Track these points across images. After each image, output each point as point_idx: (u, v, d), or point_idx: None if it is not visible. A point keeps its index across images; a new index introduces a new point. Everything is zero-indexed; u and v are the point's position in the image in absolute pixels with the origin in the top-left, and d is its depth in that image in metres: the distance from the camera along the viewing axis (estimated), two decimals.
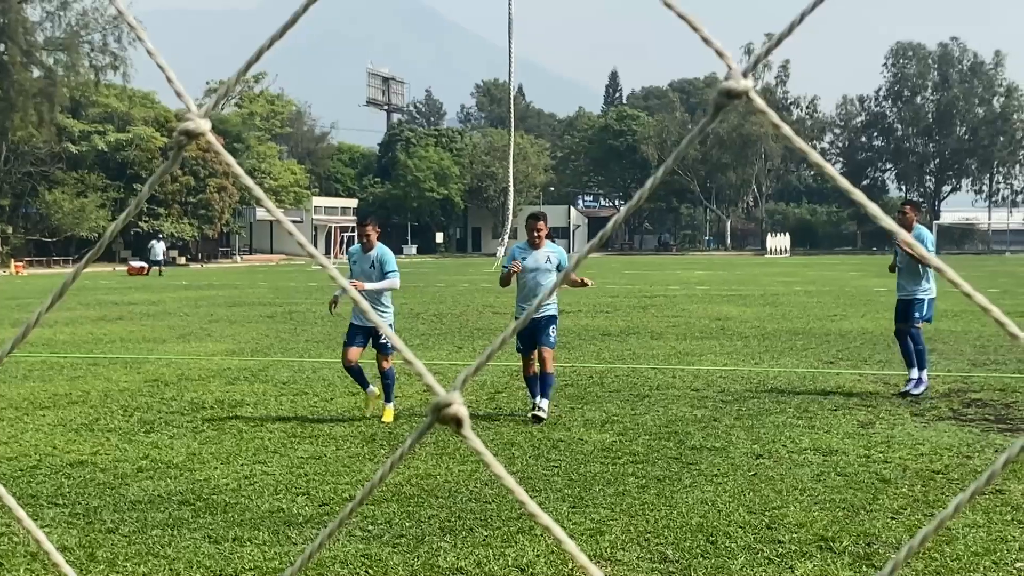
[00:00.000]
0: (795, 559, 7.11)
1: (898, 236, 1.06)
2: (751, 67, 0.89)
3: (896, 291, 15.35)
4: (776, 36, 0.88)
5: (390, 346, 11.63)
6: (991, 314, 0.91)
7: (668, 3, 0.85)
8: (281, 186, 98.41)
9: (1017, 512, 8.25)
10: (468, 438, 0.96)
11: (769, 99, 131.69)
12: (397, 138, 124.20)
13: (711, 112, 0.90)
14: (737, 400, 13.73)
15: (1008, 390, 14.60)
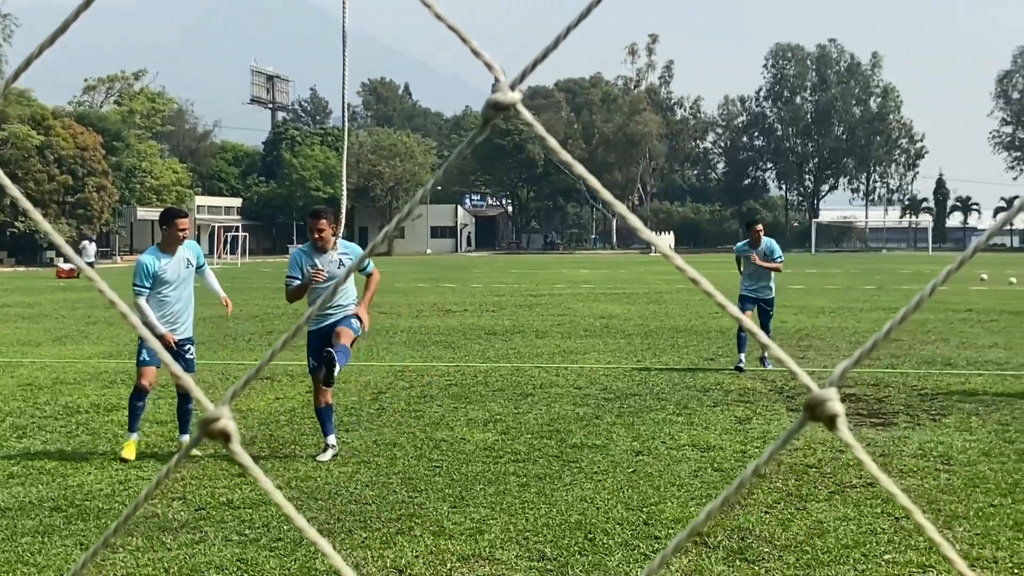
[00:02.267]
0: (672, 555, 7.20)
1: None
2: (518, 80, 0.91)
3: (741, 288, 17.33)
4: (544, 49, 0.90)
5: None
6: (728, 309, 0.93)
7: (439, 16, 0.86)
8: (163, 185, 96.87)
9: (887, 505, 8.45)
10: (236, 453, 0.95)
11: (654, 99, 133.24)
12: (282, 136, 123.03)
13: (480, 125, 0.91)
14: (619, 398, 13.86)
15: (881, 385, 14.95)
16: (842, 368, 1.00)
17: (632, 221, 0.94)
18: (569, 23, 0.86)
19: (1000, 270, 51.90)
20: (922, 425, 11.90)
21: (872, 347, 1.00)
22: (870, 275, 52.95)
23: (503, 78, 0.91)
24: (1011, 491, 8.88)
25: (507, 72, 0.92)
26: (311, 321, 9.87)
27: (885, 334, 0.98)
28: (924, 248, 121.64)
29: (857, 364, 0.99)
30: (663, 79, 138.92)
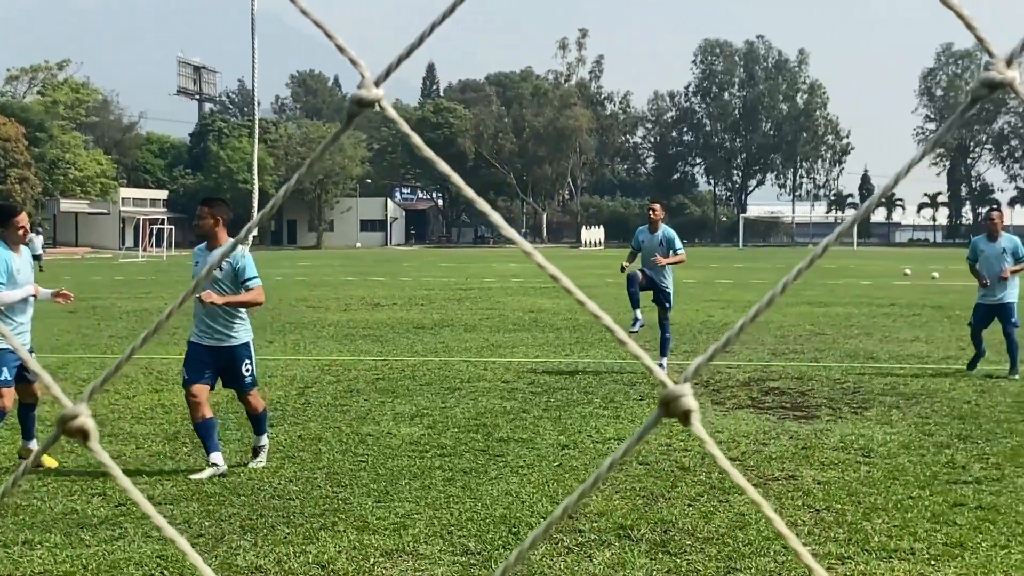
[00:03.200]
0: (594, 548, 7.23)
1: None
2: (383, 77, 0.89)
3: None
4: (409, 46, 0.88)
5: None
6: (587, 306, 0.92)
7: (304, 11, 0.84)
8: (87, 177, 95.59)
9: (808, 497, 8.55)
10: (95, 451, 0.93)
11: (584, 94, 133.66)
12: (209, 128, 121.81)
13: (345, 121, 0.89)
14: (546, 392, 13.88)
15: (804, 378, 15.11)
16: (696, 364, 1.00)
17: (494, 218, 0.92)
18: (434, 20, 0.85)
19: (923, 265, 52.70)
20: (844, 418, 12.05)
21: (725, 343, 1.00)
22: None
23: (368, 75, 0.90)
24: (929, 483, 9.02)
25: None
26: (193, 333, 9.57)
27: (739, 331, 0.98)
28: (849, 243, 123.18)
29: (711, 360, 0.99)
30: (593, 74, 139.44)
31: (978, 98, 0.79)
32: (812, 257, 0.95)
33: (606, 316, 1.03)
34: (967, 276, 16.39)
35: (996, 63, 0.76)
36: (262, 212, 0.94)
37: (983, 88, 0.77)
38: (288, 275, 47.08)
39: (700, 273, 48.27)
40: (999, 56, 0.77)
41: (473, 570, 6.81)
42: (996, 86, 0.77)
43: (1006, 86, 0.76)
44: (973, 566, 6.87)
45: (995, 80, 0.76)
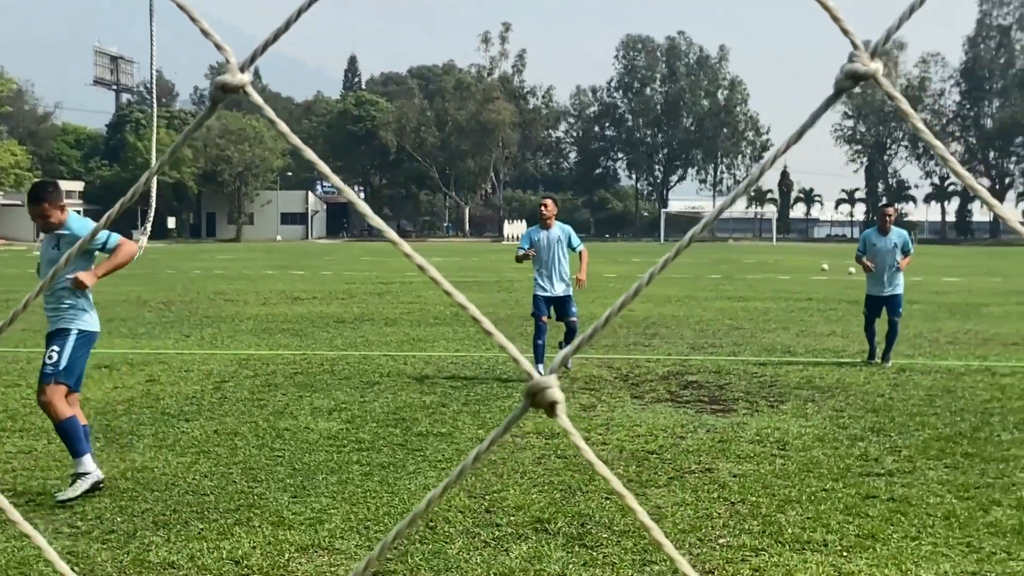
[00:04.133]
0: (511, 542, 7.24)
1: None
2: (248, 63, 0.87)
3: (540, 285, 15.00)
4: (274, 31, 0.86)
5: None
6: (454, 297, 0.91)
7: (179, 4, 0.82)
8: (0, 168, 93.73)
9: (723, 490, 8.62)
10: None
11: (507, 88, 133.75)
12: (127, 119, 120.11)
13: (209, 107, 0.87)
14: (466, 386, 13.86)
15: (722, 372, 15.25)
16: (562, 356, 1.00)
17: (362, 208, 0.91)
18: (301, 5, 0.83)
19: (841, 260, 53.39)
20: (760, 412, 12.17)
21: (592, 335, 0.99)
22: (716, 264, 53.98)
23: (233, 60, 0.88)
24: (843, 476, 9.13)
25: None
26: None
27: (604, 322, 0.97)
28: (769, 238, 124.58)
29: (578, 351, 0.98)
30: (516, 68, 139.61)
31: (842, 90, 0.80)
32: (679, 248, 0.94)
33: (473, 307, 1.03)
34: None
35: (860, 55, 0.76)
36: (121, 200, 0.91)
37: (847, 80, 0.77)
38: (207, 268, 46.60)
39: (621, 268, 48.55)
40: (863, 48, 0.77)
41: (389, 564, 6.77)
42: (860, 77, 0.77)
43: (870, 77, 0.76)
44: (884, 557, 6.97)
45: (859, 72, 0.76)
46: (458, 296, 0.99)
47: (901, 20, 0.76)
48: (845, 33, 0.76)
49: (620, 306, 0.95)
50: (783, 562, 6.87)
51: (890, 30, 0.77)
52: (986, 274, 42.96)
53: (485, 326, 0.99)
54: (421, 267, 0.97)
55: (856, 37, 0.77)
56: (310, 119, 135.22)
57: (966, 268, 49.53)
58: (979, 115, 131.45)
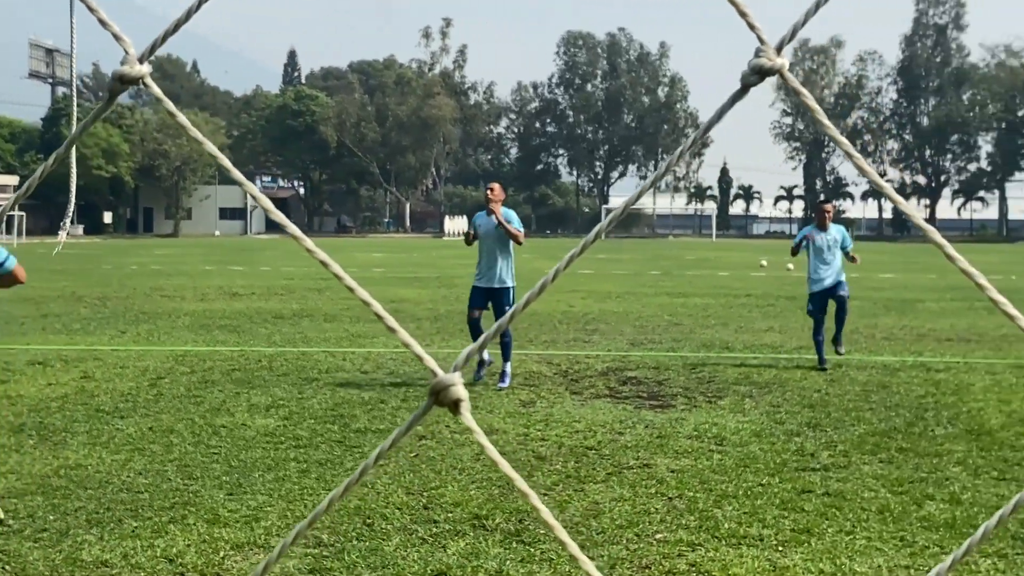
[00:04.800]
0: (449, 538, 7.22)
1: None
2: (147, 54, 0.85)
3: (477, 274, 14.11)
4: (175, 21, 0.84)
5: None
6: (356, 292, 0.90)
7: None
8: None
9: (661, 485, 8.66)
10: None
11: (448, 83, 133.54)
12: (62, 113, 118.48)
13: (106, 99, 0.85)
14: (405, 383, 13.82)
15: (661, 368, 15.31)
16: (466, 353, 0.98)
17: (264, 202, 0.89)
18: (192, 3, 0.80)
19: (779, 257, 53.84)
20: (699, 407, 12.24)
21: (496, 331, 0.98)
22: (657, 261, 54.27)
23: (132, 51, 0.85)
24: (779, 471, 9.20)
25: None
26: None
27: (510, 318, 0.96)
28: (709, 234, 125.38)
29: (483, 348, 0.97)
30: (457, 63, 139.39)
31: (748, 85, 0.79)
32: (584, 244, 0.93)
33: (377, 304, 1.01)
34: None
35: (767, 50, 0.75)
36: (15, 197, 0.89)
37: (753, 75, 0.77)
38: (143, 264, 46.13)
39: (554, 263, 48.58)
40: (770, 43, 0.76)
41: (326, 562, 6.73)
42: (766, 72, 0.76)
43: (776, 72, 0.76)
44: (819, 551, 7.03)
45: (765, 67, 0.76)
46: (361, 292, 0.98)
47: (807, 16, 0.75)
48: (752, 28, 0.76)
49: (525, 303, 0.94)
50: (719, 557, 6.90)
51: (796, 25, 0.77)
52: (922, 270, 43.47)
53: (388, 323, 0.97)
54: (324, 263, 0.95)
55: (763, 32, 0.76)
56: (249, 113, 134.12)
57: (902, 264, 50.06)
58: (915, 113, 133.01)
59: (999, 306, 0.87)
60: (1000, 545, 7.18)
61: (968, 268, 0.84)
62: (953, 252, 0.87)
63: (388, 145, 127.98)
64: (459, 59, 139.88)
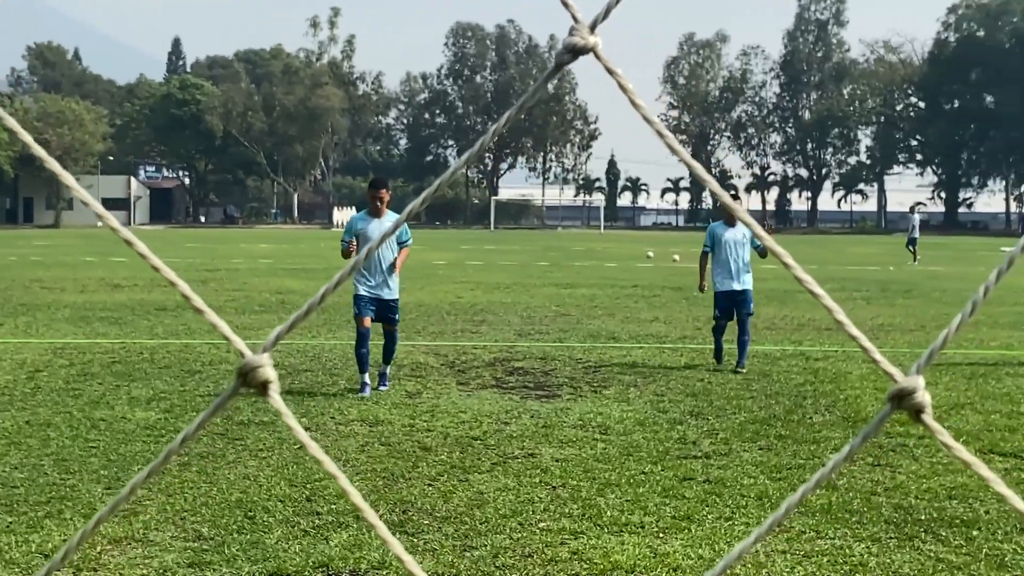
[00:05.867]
0: (331, 530, 7.18)
1: None
2: None
3: (363, 282, 12.85)
4: None
5: None
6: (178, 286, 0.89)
7: None
8: None
9: (546, 475, 8.70)
10: None
11: (336, 73, 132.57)
12: None
13: None
14: (291, 373, 13.70)
15: (548, 358, 15.39)
16: (276, 333, 0.98)
17: (82, 195, 0.87)
18: None
19: (665, 248, 54.48)
20: (584, 397, 12.33)
21: (308, 311, 0.97)
22: (545, 252, 54.51)
23: None
24: (661, 458, 9.31)
25: None
26: None
27: (306, 311, 0.95)
28: (597, 226, 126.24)
29: (290, 330, 0.97)
30: (345, 53, 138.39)
31: (561, 63, 0.79)
32: (385, 237, 0.93)
33: (184, 285, 1.00)
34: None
35: (580, 28, 0.76)
36: None
37: (566, 53, 0.77)
38: (23, 255, 45.05)
39: (450, 255, 48.64)
40: (584, 21, 0.77)
41: (205, 555, 6.65)
42: (579, 51, 0.76)
43: (589, 51, 0.76)
44: (699, 538, 7.13)
45: (578, 45, 0.76)
46: (183, 287, 0.96)
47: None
48: (565, 6, 0.76)
49: (321, 297, 0.93)
50: (601, 544, 6.97)
51: (610, 4, 0.77)
52: (803, 261, 43.75)
53: (195, 303, 0.96)
54: (142, 255, 0.93)
55: (577, 11, 0.77)
56: (132, 102, 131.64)
57: None
58: (798, 107, 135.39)
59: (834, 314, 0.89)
60: (874, 529, 7.36)
61: (802, 276, 0.85)
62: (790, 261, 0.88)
63: (275, 135, 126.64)
64: (347, 49, 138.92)
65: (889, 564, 6.70)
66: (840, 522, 7.52)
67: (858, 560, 6.76)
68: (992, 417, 11.29)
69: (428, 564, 6.56)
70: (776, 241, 0.99)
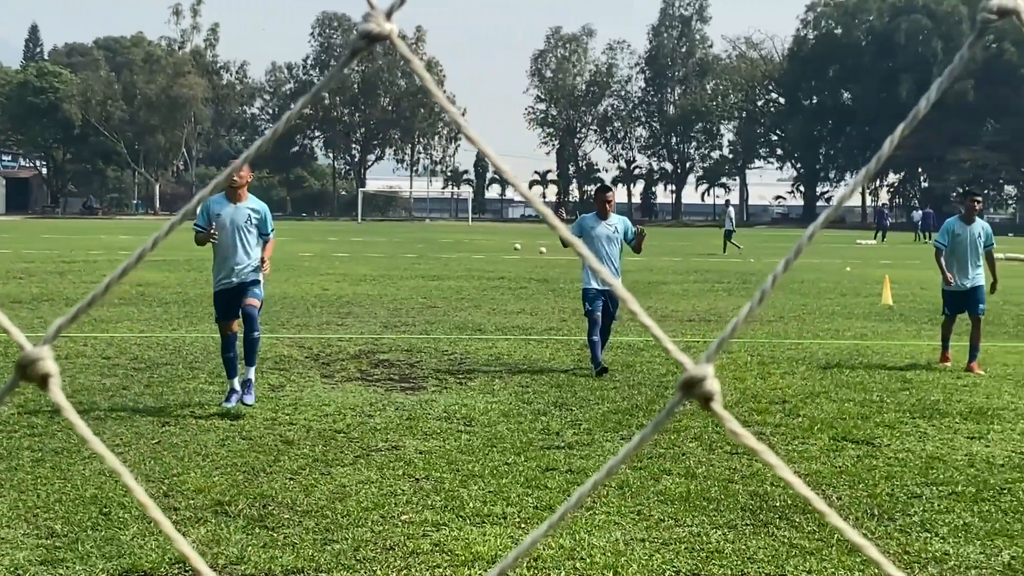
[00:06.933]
0: (189, 525, 7.07)
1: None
2: None
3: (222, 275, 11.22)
4: None
5: None
6: None
7: None
8: None
9: (409, 467, 8.69)
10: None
11: (199, 62, 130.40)
12: None
13: None
14: (150, 368, 13.45)
15: (414, 350, 15.36)
16: (57, 326, 0.96)
17: None
18: None
19: (533, 240, 54.75)
20: (449, 389, 12.34)
21: (91, 302, 0.96)
22: (413, 244, 54.36)
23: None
24: (525, 449, 9.37)
25: None
26: None
27: (105, 289, 0.94)
28: (465, 218, 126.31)
29: (72, 322, 0.95)
30: (209, 42, 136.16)
31: (357, 50, 0.79)
32: (156, 236, 0.92)
33: None
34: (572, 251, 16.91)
35: (376, 15, 0.76)
36: None
37: (361, 40, 0.77)
38: None
39: (317, 247, 48.21)
40: (379, 8, 0.77)
41: (58, 553, 6.50)
42: (375, 38, 0.76)
43: (384, 39, 0.76)
44: (560, 527, 7.18)
45: (373, 32, 0.76)
46: None
47: None
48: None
49: (105, 287, 0.92)
50: (463, 536, 6.98)
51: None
52: (667, 253, 44.89)
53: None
54: None
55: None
56: None
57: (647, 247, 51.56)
58: (663, 101, 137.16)
59: (628, 303, 0.91)
60: (730, 516, 7.51)
61: (625, 295, 0.86)
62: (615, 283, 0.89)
63: (136, 124, 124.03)
64: (211, 38, 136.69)
65: (744, 550, 6.84)
66: (698, 510, 7.65)
67: (715, 547, 6.89)
68: (846, 405, 11.61)
69: (288, 558, 6.50)
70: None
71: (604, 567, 6.49)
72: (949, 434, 10.33)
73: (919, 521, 7.52)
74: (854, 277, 32.18)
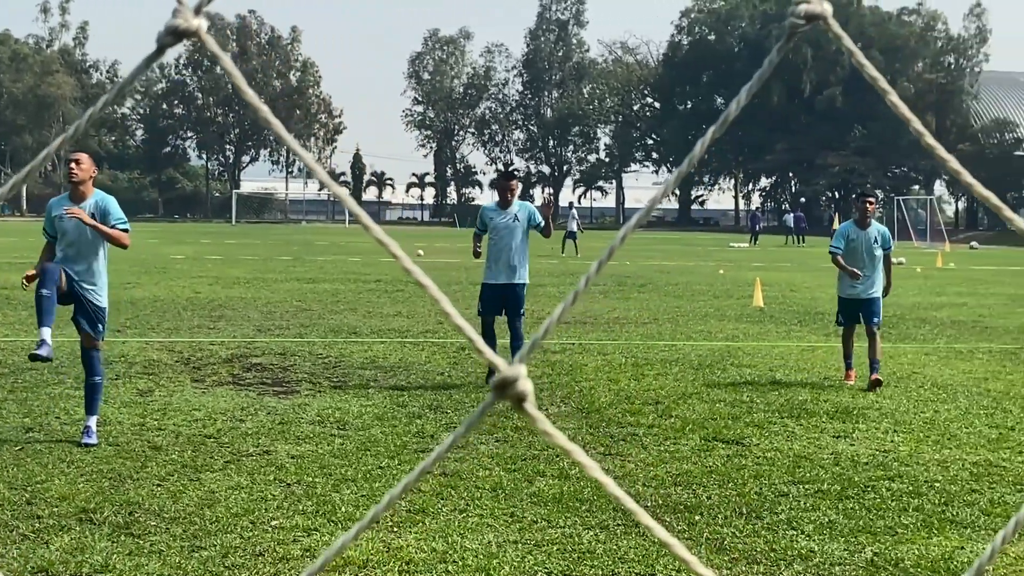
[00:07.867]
0: (52, 533, 6.90)
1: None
2: None
3: None
4: None
5: None
6: None
7: None
8: None
9: (280, 472, 8.59)
10: None
11: (68, 60, 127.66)
12: None
13: None
14: (14, 372, 13.12)
15: (288, 354, 15.21)
16: None
17: None
18: None
19: (410, 243, 54.63)
20: (323, 392, 12.24)
21: None
22: (288, 246, 53.84)
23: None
24: (399, 453, 9.33)
25: None
26: None
27: None
28: (342, 220, 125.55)
29: None
30: (78, 40, 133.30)
31: (164, 46, 0.78)
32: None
33: None
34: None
35: (183, 10, 0.74)
36: None
37: (168, 35, 0.76)
38: None
39: (189, 249, 47.47)
40: (187, 4, 0.75)
41: None
42: (182, 34, 0.75)
43: (192, 36, 0.75)
44: (433, 531, 7.17)
45: (180, 27, 0.75)
46: None
47: None
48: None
49: None
50: (334, 541, 6.91)
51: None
52: (545, 256, 45.15)
53: None
54: None
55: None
56: None
57: None
58: (540, 105, 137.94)
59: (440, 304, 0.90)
60: (602, 517, 7.57)
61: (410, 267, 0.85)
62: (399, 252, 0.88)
63: (3, 124, 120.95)
64: (80, 36, 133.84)
65: (616, 551, 6.90)
66: (571, 511, 7.70)
67: (586, 548, 6.94)
68: (717, 406, 11.79)
69: (154, 566, 6.38)
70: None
71: (476, 570, 6.49)
72: (816, 433, 10.55)
73: (786, 519, 7.66)
74: (727, 280, 32.73)
